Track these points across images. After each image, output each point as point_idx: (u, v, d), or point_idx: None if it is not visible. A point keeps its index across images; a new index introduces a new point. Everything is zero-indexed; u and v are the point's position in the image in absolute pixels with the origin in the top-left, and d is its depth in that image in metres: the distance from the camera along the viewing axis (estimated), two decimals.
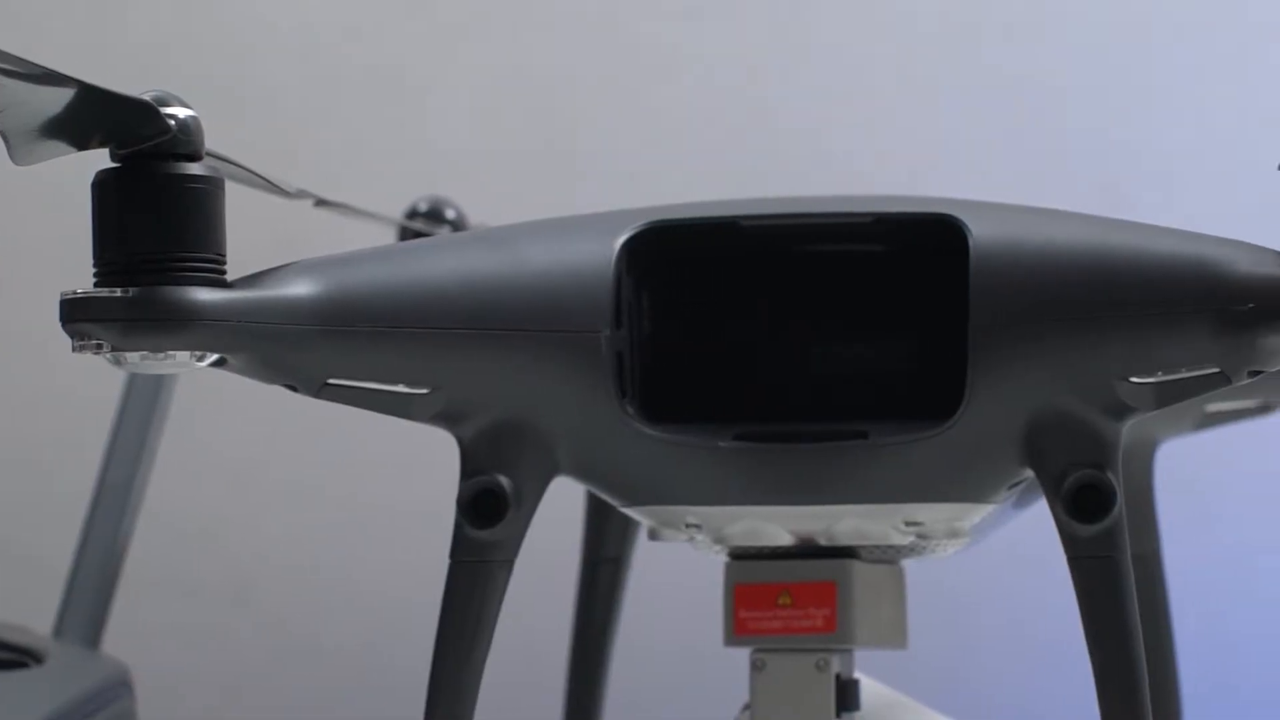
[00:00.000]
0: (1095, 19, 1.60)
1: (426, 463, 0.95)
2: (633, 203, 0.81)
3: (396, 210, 1.07)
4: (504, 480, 0.75)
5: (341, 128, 1.55)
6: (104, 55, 1.53)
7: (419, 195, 1.09)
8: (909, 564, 0.87)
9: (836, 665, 0.82)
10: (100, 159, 0.72)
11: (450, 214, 1.09)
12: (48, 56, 0.70)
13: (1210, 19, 1.59)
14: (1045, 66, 1.58)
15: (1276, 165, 0.74)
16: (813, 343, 0.79)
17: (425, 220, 1.09)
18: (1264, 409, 0.97)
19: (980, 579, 1.18)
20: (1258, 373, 0.71)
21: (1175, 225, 0.74)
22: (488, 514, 0.75)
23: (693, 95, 1.54)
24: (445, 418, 0.76)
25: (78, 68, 0.73)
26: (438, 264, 0.78)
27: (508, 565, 0.75)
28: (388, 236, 1.06)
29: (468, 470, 0.76)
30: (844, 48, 1.52)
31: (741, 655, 0.83)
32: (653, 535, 0.84)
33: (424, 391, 0.75)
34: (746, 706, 0.83)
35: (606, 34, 1.53)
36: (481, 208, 1.10)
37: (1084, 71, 1.59)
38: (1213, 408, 0.94)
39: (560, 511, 0.88)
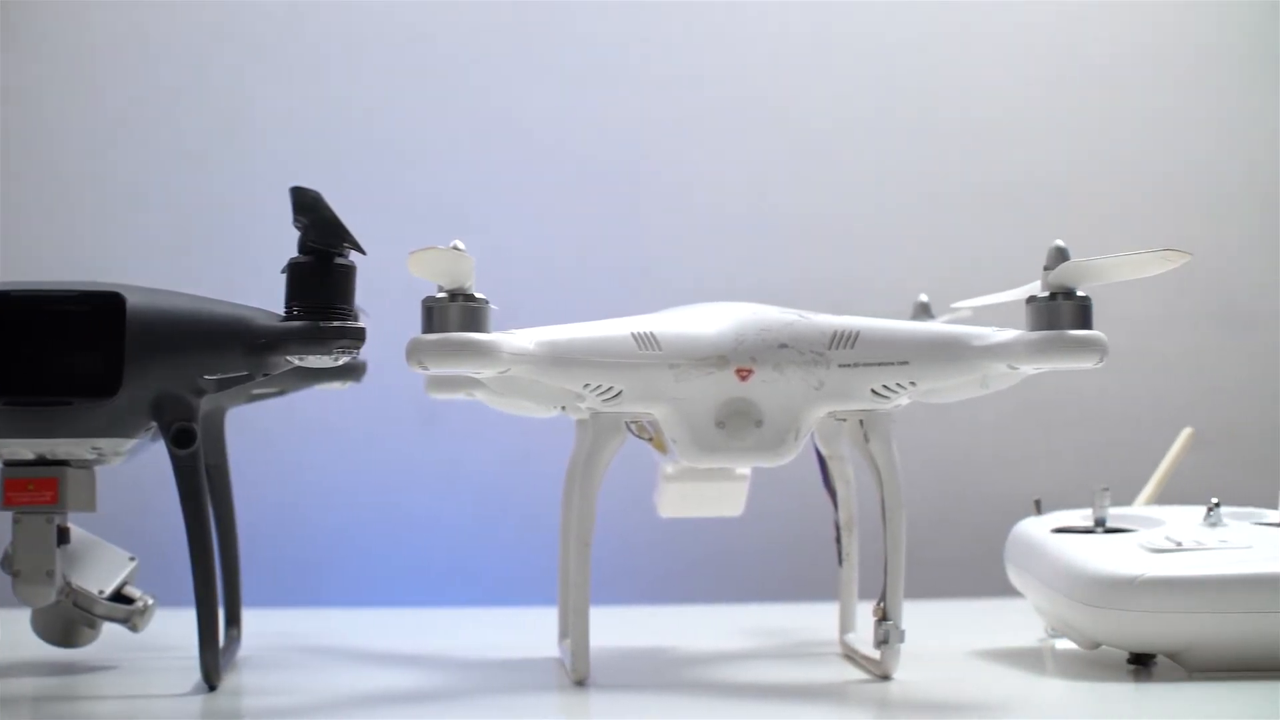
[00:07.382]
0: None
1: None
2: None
3: None
4: None
5: None
6: None
7: None
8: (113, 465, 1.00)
9: (58, 520, 0.99)
10: None
11: None
12: None
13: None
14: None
15: (280, 270, 0.90)
16: (54, 355, 0.94)
17: None
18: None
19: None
20: (267, 375, 0.92)
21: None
22: None
23: None
24: None
25: None
26: None
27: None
28: None
29: None
30: None
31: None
32: None
33: None
34: (11, 544, 0.98)
35: None
36: None
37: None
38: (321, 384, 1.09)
39: None
